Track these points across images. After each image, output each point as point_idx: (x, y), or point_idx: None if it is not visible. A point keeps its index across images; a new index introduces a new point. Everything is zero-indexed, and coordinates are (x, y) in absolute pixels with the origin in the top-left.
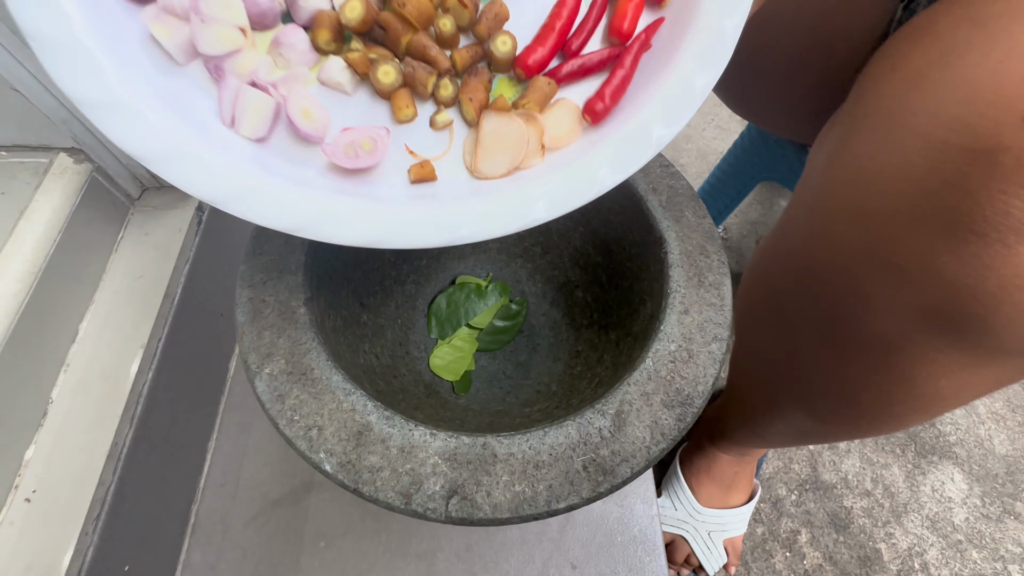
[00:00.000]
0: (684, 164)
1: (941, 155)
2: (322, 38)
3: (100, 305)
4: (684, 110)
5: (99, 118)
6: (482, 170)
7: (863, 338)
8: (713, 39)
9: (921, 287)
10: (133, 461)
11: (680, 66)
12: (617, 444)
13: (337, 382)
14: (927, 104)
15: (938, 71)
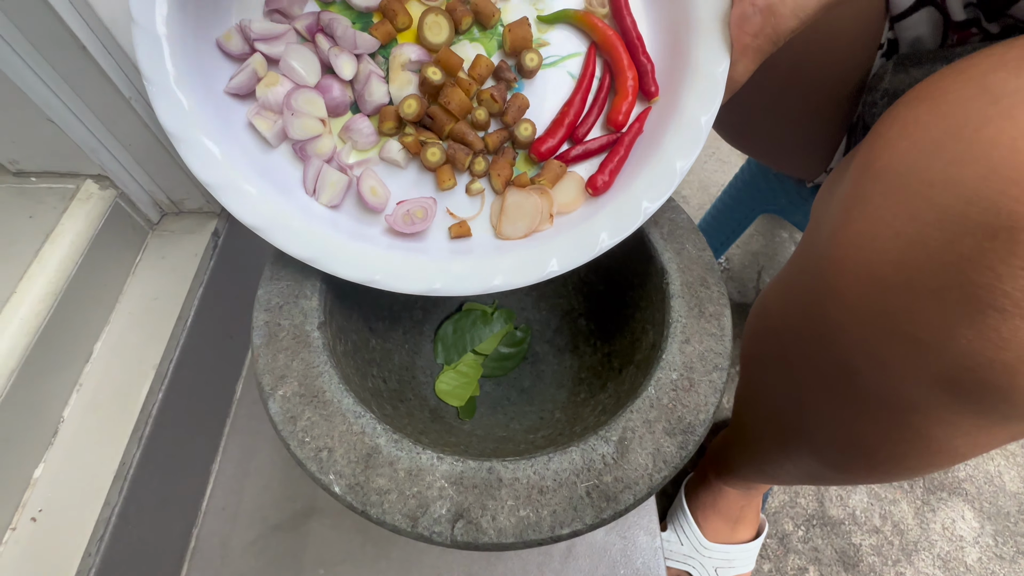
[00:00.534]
0: (686, 196)
1: (960, 228)
2: (386, 127)
3: (115, 326)
4: (666, 188)
5: (219, 196)
6: (505, 233)
7: (878, 397)
8: (691, 131)
9: (939, 357)
10: (139, 482)
11: (664, 152)
12: (620, 471)
13: (348, 405)
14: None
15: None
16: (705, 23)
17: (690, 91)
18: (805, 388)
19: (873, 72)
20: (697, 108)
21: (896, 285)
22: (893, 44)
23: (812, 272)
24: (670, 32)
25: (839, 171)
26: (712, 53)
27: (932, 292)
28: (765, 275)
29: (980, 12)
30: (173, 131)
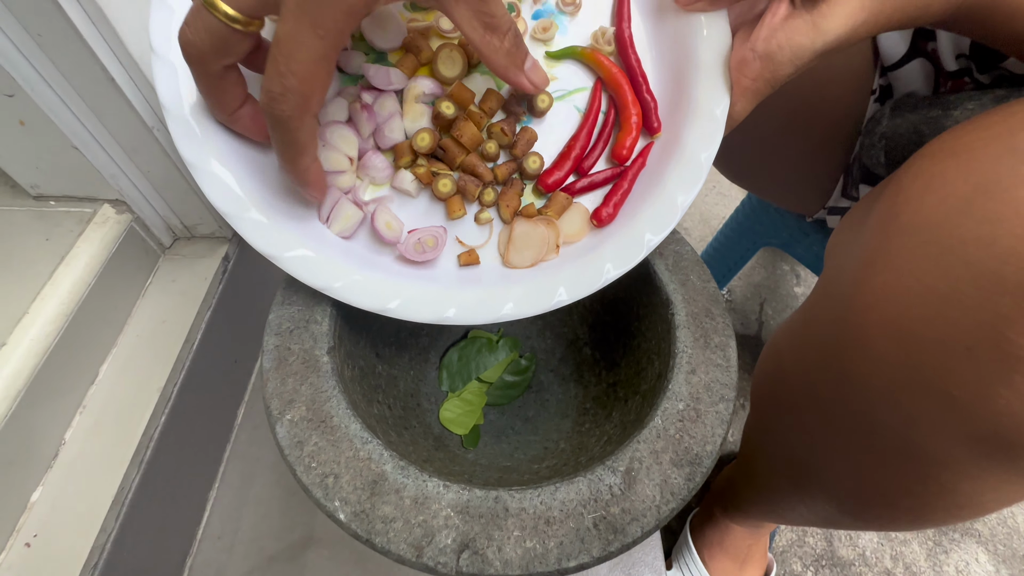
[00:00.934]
0: (688, 228)
1: (996, 287)
2: (403, 161)
3: (123, 348)
4: (669, 221)
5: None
6: (512, 261)
7: (903, 450)
8: (692, 167)
9: (973, 415)
10: (136, 508)
11: (666, 187)
12: (627, 502)
13: (355, 431)
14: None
15: (985, 200)
16: (706, 64)
17: (691, 128)
18: (822, 434)
19: (868, 116)
20: (698, 145)
21: (928, 340)
22: (886, 89)
23: (832, 321)
24: (673, 71)
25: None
26: (713, 93)
27: (967, 349)
28: (767, 307)
29: (972, 63)
30: (190, 159)
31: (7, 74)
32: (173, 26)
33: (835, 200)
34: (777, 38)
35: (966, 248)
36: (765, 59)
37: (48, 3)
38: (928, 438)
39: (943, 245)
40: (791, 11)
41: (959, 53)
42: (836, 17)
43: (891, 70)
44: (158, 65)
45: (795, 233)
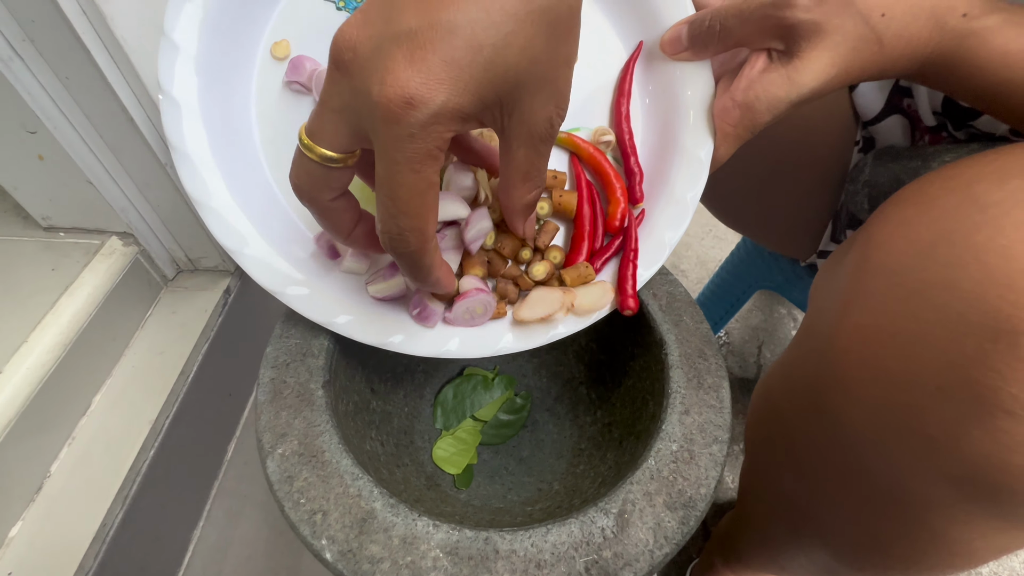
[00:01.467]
0: (685, 270)
1: (961, 329)
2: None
3: (117, 379)
4: (658, 257)
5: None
6: (521, 315)
7: (890, 492)
8: (679, 208)
9: (950, 456)
10: (117, 546)
11: (655, 225)
12: (620, 546)
13: (346, 466)
14: (941, 277)
15: (947, 246)
16: (692, 110)
17: (678, 170)
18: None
19: (853, 164)
20: (684, 185)
21: (902, 381)
22: (869, 141)
23: (814, 361)
24: (661, 116)
25: (834, 261)
26: (697, 137)
27: (939, 389)
28: (766, 350)
29: (947, 120)
30: (195, 195)
31: (32, 112)
32: (179, 65)
33: (825, 244)
34: (755, 89)
35: (931, 291)
36: (745, 108)
37: (78, 49)
38: (912, 480)
39: (910, 288)
40: (768, 64)
41: (935, 110)
42: (809, 72)
43: (871, 124)
44: (165, 104)
45: (790, 277)
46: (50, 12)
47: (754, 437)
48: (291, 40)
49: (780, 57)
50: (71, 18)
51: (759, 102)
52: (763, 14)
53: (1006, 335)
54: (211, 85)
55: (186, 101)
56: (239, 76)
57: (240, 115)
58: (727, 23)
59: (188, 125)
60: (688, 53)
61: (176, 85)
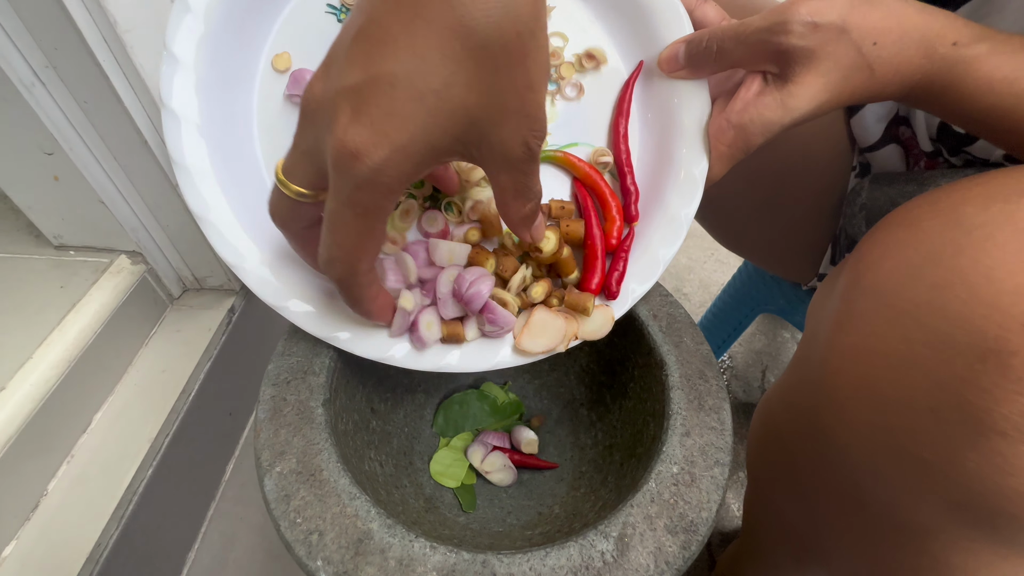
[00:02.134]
0: (688, 293)
1: (949, 349)
2: None
3: (119, 397)
4: (652, 273)
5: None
6: (523, 345)
7: (889, 517)
8: (674, 224)
9: (947, 481)
10: (110, 567)
11: (650, 242)
12: (620, 570)
13: (343, 486)
14: (928, 298)
15: (933, 268)
16: (687, 129)
17: (673, 188)
18: (815, 502)
19: (850, 188)
20: (679, 203)
21: (895, 402)
22: (865, 166)
23: (809, 384)
24: (657, 134)
25: (828, 284)
26: (693, 155)
27: (931, 411)
28: (770, 374)
29: (942, 146)
30: (197, 211)
31: (50, 135)
32: (180, 78)
33: (825, 268)
34: (750, 112)
35: (919, 312)
36: (739, 129)
37: (98, 75)
38: (909, 505)
39: (899, 309)
40: (763, 87)
41: (931, 136)
42: (802, 98)
43: (868, 151)
44: (166, 117)
45: (792, 300)
46: (73, 40)
47: (755, 462)
48: (292, 52)
49: (775, 80)
50: (92, 46)
51: (753, 125)
52: (759, 39)
53: (994, 355)
54: (212, 98)
55: (186, 115)
56: (240, 89)
57: (242, 128)
58: (724, 45)
59: (188, 139)
60: (685, 72)
61: (176, 98)
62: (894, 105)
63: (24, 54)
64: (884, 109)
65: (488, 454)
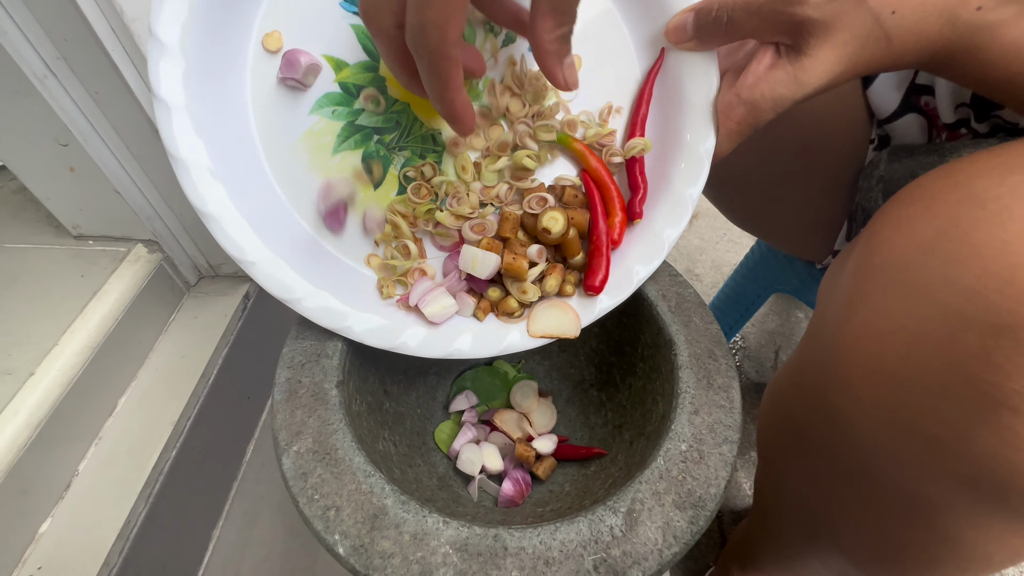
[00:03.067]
0: (699, 274)
1: (962, 325)
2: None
3: (141, 381)
4: (658, 254)
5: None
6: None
7: (900, 494)
8: (679, 204)
9: (958, 457)
10: (141, 542)
11: (654, 223)
12: (629, 544)
13: (359, 464)
14: (941, 274)
15: (946, 243)
16: (696, 105)
17: (678, 166)
18: (826, 480)
19: (868, 161)
20: (684, 181)
21: (906, 379)
22: (884, 139)
23: (820, 362)
24: (664, 109)
25: (840, 261)
26: (699, 132)
27: (942, 387)
28: (783, 354)
29: (972, 112)
30: (195, 204)
31: (64, 126)
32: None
33: (839, 245)
34: (761, 88)
35: (932, 287)
36: (749, 105)
37: (108, 65)
38: (921, 482)
39: (911, 285)
40: (775, 60)
41: (959, 103)
42: (816, 71)
43: (886, 122)
44: (157, 108)
45: (806, 280)
46: (82, 31)
47: (766, 441)
48: (283, 30)
49: (788, 53)
50: (101, 36)
51: (764, 101)
52: (772, 9)
53: (1008, 331)
54: (203, 85)
55: (176, 103)
56: (232, 73)
57: (236, 115)
58: (735, 15)
59: (180, 128)
60: (693, 43)
61: (165, 86)
62: (909, 72)
63: (35, 45)
64: (899, 77)
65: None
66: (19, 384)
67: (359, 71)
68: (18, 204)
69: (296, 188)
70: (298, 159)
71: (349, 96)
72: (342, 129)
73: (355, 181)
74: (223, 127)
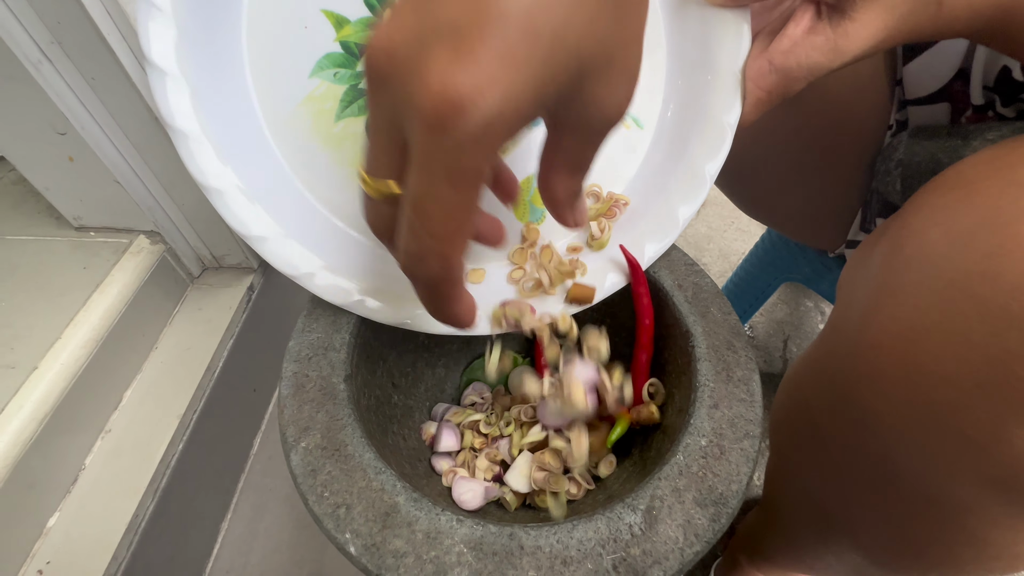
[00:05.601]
0: (707, 263)
1: (1004, 323)
2: None
3: (147, 374)
4: (670, 233)
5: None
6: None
7: (925, 493)
8: (696, 179)
9: (990, 457)
10: (149, 536)
11: (669, 198)
12: (648, 543)
13: (369, 460)
14: (982, 268)
15: (988, 234)
16: (723, 70)
17: (700, 138)
18: (844, 476)
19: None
20: (704, 155)
21: (938, 377)
22: (903, 124)
23: (843, 355)
24: (686, 75)
25: (864, 252)
26: (724, 100)
27: (978, 387)
28: (792, 344)
29: (996, 96)
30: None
31: (61, 114)
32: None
33: (854, 234)
34: (796, 54)
35: (971, 282)
36: (782, 73)
37: (103, 49)
38: (948, 482)
39: (947, 279)
40: (814, 23)
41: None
42: (858, 38)
43: (914, 104)
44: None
45: (818, 268)
46: (75, 13)
47: (780, 434)
48: None
49: (829, 14)
50: (95, 18)
51: (799, 69)
52: None
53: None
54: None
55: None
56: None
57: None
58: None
59: (175, 96)
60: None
61: (156, 50)
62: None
63: (28, 30)
64: (957, 59)
65: None
66: (23, 378)
67: (361, 28)
68: (18, 195)
69: (299, 157)
70: (300, 126)
71: (351, 57)
72: (344, 94)
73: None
74: (220, 93)
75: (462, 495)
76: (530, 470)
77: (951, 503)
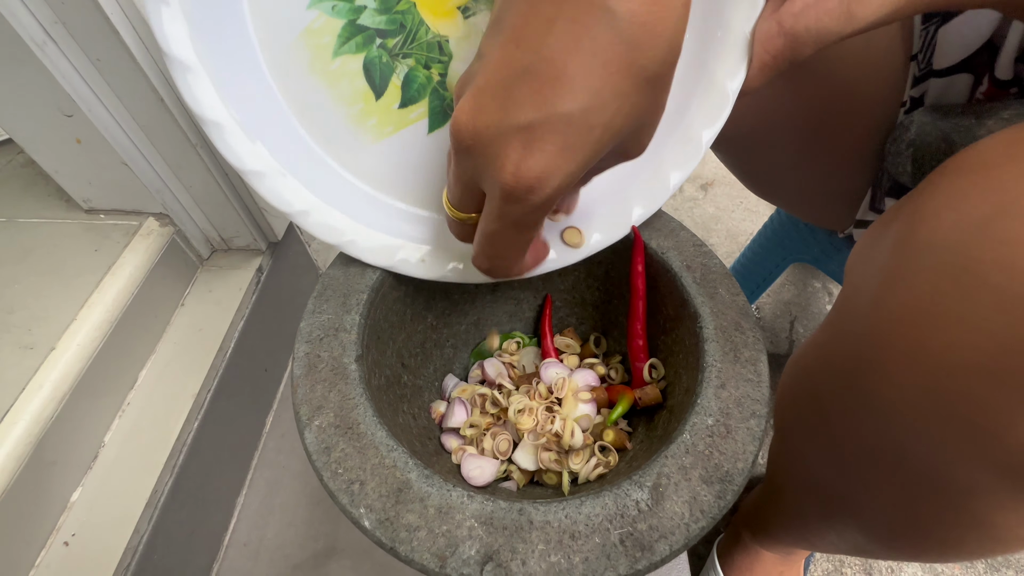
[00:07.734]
0: (714, 244)
1: (1019, 312)
2: None
3: (161, 355)
4: (659, 197)
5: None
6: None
7: (931, 478)
8: (690, 145)
9: (1001, 444)
10: (168, 511)
11: (662, 162)
12: (655, 519)
13: (381, 438)
14: (997, 255)
15: (1006, 221)
16: (730, 31)
17: (699, 102)
18: (849, 457)
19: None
20: (702, 121)
21: (949, 364)
22: (916, 101)
23: (852, 340)
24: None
25: (874, 235)
26: (728, 65)
27: (992, 375)
28: (798, 325)
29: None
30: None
31: (68, 95)
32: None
33: (863, 214)
34: (807, 18)
35: (985, 270)
36: (791, 38)
37: (107, 29)
38: (955, 466)
39: (961, 266)
40: None
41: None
42: (873, 4)
43: (936, 76)
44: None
45: (826, 249)
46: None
47: (784, 415)
48: None
49: None
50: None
51: (808, 34)
52: None
53: None
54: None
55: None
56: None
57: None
58: None
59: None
60: None
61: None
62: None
63: (32, 9)
64: (993, 25)
65: None
66: (42, 358)
67: None
68: (28, 178)
69: (297, 92)
70: (298, 60)
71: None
72: (343, 29)
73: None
74: (217, 22)
75: (471, 472)
76: (536, 451)
77: (957, 487)
